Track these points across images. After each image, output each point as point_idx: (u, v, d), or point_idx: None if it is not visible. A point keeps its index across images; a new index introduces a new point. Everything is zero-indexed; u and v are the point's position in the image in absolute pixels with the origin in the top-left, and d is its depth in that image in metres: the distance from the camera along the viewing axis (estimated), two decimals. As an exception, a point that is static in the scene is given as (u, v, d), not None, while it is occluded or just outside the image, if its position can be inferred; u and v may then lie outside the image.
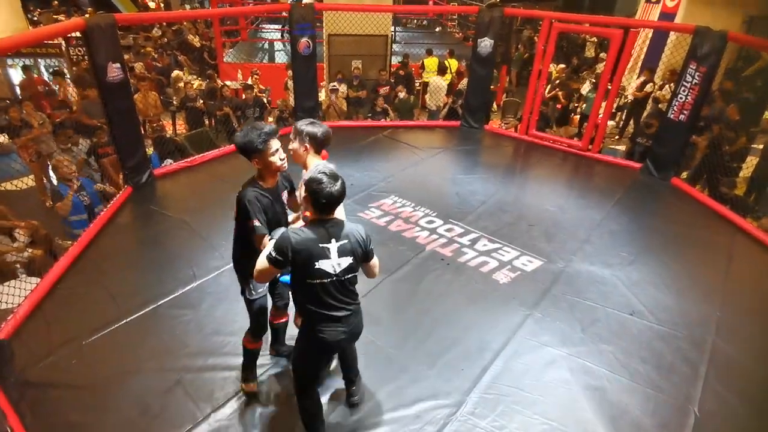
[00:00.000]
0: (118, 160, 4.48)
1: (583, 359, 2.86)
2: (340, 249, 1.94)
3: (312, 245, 1.90)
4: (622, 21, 5.87)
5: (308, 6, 5.71)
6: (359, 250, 1.99)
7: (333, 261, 1.93)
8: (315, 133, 2.34)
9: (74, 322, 2.96)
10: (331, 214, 1.96)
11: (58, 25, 4.15)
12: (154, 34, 11.59)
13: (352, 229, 2.00)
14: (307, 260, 1.89)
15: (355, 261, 1.99)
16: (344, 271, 1.96)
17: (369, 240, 2.04)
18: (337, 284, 1.97)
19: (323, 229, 1.94)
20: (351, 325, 2.06)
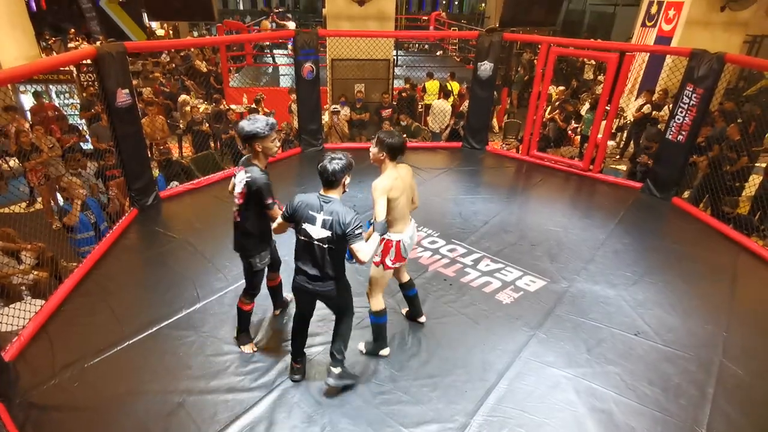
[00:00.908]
0: (124, 182, 4.55)
1: (589, 381, 2.82)
2: (323, 221, 2.34)
3: (304, 210, 2.37)
4: (617, 45, 5.99)
5: (312, 32, 5.88)
6: (338, 229, 2.31)
7: (316, 228, 2.35)
8: (386, 142, 2.69)
9: (77, 343, 2.96)
10: (330, 190, 2.39)
11: (70, 53, 4.29)
12: (163, 60, 11.90)
13: (340, 210, 2.33)
14: (299, 219, 2.39)
15: (333, 236, 2.33)
16: (321, 240, 2.35)
17: (351, 226, 2.31)
18: (315, 248, 2.38)
19: (318, 200, 2.37)
20: (317, 285, 2.45)
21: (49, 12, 17.36)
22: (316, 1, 24.73)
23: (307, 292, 2.50)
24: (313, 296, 2.54)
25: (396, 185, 2.66)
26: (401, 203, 2.71)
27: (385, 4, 8.40)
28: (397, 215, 2.73)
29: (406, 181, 2.77)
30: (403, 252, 2.81)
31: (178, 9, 7.95)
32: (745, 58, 5.18)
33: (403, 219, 2.79)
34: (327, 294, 2.50)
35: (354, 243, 2.33)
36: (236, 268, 3.77)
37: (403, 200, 2.74)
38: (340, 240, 2.34)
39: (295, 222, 2.41)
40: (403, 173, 2.76)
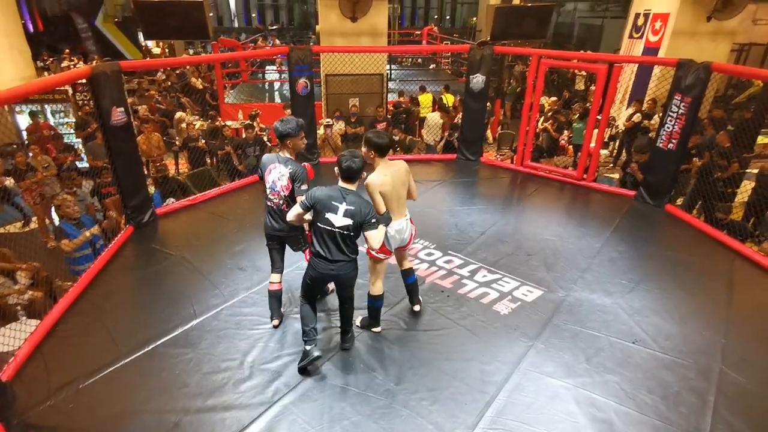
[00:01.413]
0: (120, 199, 4.55)
1: (589, 390, 2.81)
2: (346, 211, 2.65)
3: (327, 200, 2.67)
4: (606, 57, 6.11)
5: (305, 49, 5.96)
6: (358, 218, 2.66)
7: (338, 216, 2.65)
8: (373, 141, 2.97)
9: (72, 364, 2.93)
10: (350, 184, 2.72)
11: (65, 73, 4.33)
12: (159, 77, 12.00)
13: (361, 202, 2.69)
14: (321, 209, 2.67)
15: (354, 224, 2.66)
16: (342, 228, 2.66)
17: (370, 216, 2.69)
18: (336, 235, 2.67)
19: (340, 192, 2.70)
20: (337, 266, 2.75)
21: (46, 33, 17.53)
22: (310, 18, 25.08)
23: (328, 276, 2.79)
24: (331, 279, 2.84)
25: (385, 181, 2.93)
26: (390, 198, 2.98)
27: (378, 19, 8.55)
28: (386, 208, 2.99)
29: (396, 178, 3.00)
30: (388, 243, 3.06)
31: (173, 28, 8.04)
32: (731, 67, 5.27)
33: (392, 212, 3.02)
34: (346, 274, 2.81)
35: (369, 230, 2.69)
36: (233, 283, 3.77)
37: (393, 195, 2.99)
38: (357, 227, 2.69)
39: (315, 212, 2.69)
40: (394, 170, 3.00)
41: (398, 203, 3.06)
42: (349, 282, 2.88)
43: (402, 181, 3.05)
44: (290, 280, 3.83)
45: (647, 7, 9.20)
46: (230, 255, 4.17)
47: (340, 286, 2.90)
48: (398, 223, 3.09)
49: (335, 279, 2.84)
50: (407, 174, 3.10)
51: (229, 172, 6.66)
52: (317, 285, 2.91)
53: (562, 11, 21.89)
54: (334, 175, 2.84)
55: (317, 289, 2.97)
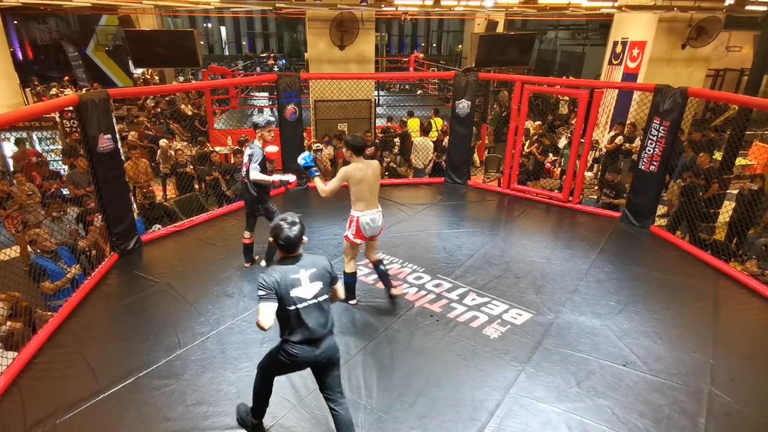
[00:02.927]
0: (105, 226, 4.49)
1: (581, 416, 2.78)
2: (311, 275, 2.29)
3: (284, 278, 2.23)
4: (586, 83, 6.31)
5: (294, 76, 6.05)
6: (326, 275, 2.34)
7: (305, 287, 2.26)
8: (350, 143, 3.51)
9: (49, 398, 2.82)
10: (294, 252, 2.30)
11: (53, 101, 4.33)
12: (148, 104, 12.05)
13: (315, 260, 2.36)
14: (284, 292, 2.21)
15: (324, 285, 2.33)
16: (316, 295, 2.29)
17: (332, 267, 2.41)
18: (313, 308, 2.28)
19: (290, 263, 2.29)
20: (325, 347, 2.34)
21: (36, 61, 17.61)
22: (299, 46, 25.59)
23: (311, 359, 2.33)
24: (314, 364, 2.37)
25: (355, 174, 3.43)
26: (361, 189, 3.47)
27: (365, 47, 8.75)
28: (357, 197, 3.51)
29: (370, 172, 3.50)
30: (362, 229, 3.54)
31: (163, 56, 8.14)
32: (707, 92, 5.46)
33: (364, 202, 3.52)
34: (334, 350, 2.39)
35: (337, 282, 2.45)
36: (219, 311, 3.71)
37: (364, 187, 3.48)
38: (328, 285, 2.37)
39: (280, 297, 2.20)
40: (369, 167, 3.50)
41: (372, 195, 3.53)
42: (336, 361, 2.42)
43: (375, 177, 3.53)
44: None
45: (625, 35, 9.56)
46: (216, 281, 4.12)
47: (328, 370, 2.41)
48: (372, 213, 3.55)
49: (319, 362, 2.36)
50: (379, 171, 3.64)
51: (217, 197, 6.63)
52: (287, 372, 2.55)
53: (544, 39, 22.65)
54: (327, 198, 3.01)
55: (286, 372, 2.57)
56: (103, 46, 16.54)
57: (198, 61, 8.32)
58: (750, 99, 4.86)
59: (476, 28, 15.89)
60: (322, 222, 5.35)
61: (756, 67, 6.49)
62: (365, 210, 3.51)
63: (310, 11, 8.41)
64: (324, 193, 3.46)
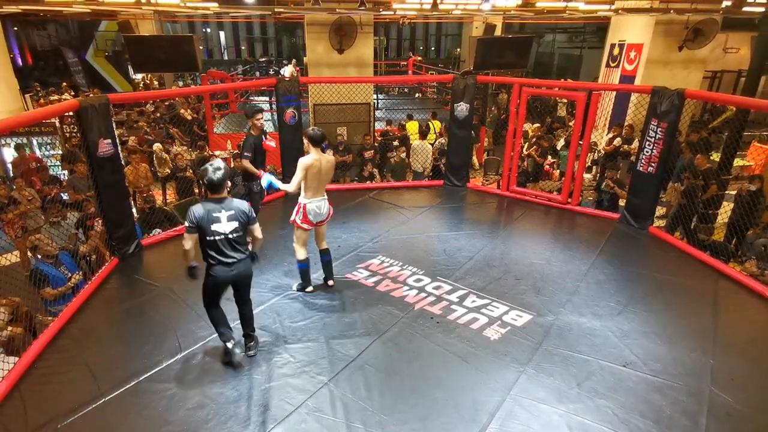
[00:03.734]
0: (105, 231, 4.50)
1: (582, 416, 2.78)
2: (229, 216, 2.90)
3: (207, 215, 2.85)
4: (583, 85, 6.34)
5: (293, 80, 6.08)
6: (243, 218, 2.95)
7: (223, 224, 2.88)
8: (309, 134, 3.71)
9: (51, 403, 2.83)
10: (219, 194, 2.91)
11: (53, 106, 4.35)
12: (148, 109, 12.08)
13: (238, 205, 2.96)
14: (205, 225, 2.85)
15: (241, 225, 2.94)
16: (232, 231, 2.92)
17: (251, 213, 3.01)
18: (225, 242, 2.92)
19: (215, 204, 2.89)
20: (237, 268, 2.99)
21: (36, 66, 17.66)
22: (298, 50, 25.66)
23: (229, 279, 3.01)
24: (231, 282, 3.04)
25: (313, 165, 3.65)
26: (314, 178, 3.70)
27: (364, 51, 8.79)
28: (308, 186, 3.71)
29: (324, 165, 3.72)
30: (308, 214, 3.76)
31: (162, 61, 8.16)
32: (704, 93, 5.48)
33: (314, 191, 3.75)
34: (245, 272, 3.06)
35: (253, 225, 3.05)
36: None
37: (317, 177, 3.71)
38: (244, 227, 2.99)
39: (201, 229, 2.86)
40: (324, 159, 3.72)
41: (320, 185, 3.78)
42: (248, 280, 3.12)
43: (327, 170, 3.77)
44: (278, 308, 3.79)
45: (622, 37, 9.62)
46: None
47: (241, 287, 3.12)
48: (318, 200, 3.81)
49: (235, 280, 3.03)
50: (332, 167, 3.86)
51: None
52: (218, 291, 3.10)
53: (542, 42, 22.73)
54: None
55: (218, 296, 3.12)
56: (102, 52, 16.61)
57: (197, 66, 8.34)
58: (747, 100, 4.89)
59: (474, 32, 15.96)
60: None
61: (753, 68, 6.52)
62: (312, 198, 3.77)
63: (309, 15, 8.44)
64: (291, 188, 3.70)
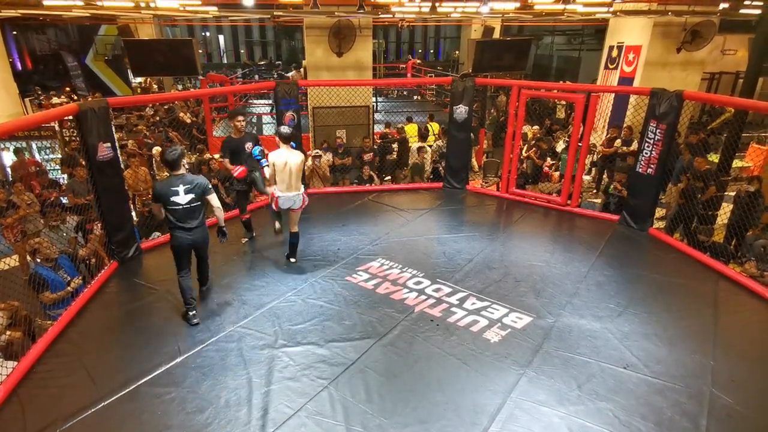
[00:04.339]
0: (104, 235, 4.49)
1: (582, 419, 2.77)
2: (186, 189, 3.44)
3: (167, 189, 3.43)
4: (582, 87, 6.36)
5: (292, 83, 6.09)
6: (198, 190, 3.48)
7: (181, 196, 3.43)
8: (278, 132, 4.30)
9: (49, 407, 2.82)
10: (176, 171, 3.47)
11: (52, 110, 4.35)
12: (147, 113, 12.08)
13: (193, 179, 3.50)
14: (166, 199, 3.43)
15: (197, 196, 3.48)
16: (189, 202, 3.46)
17: (206, 185, 3.54)
18: (184, 211, 3.46)
19: (174, 179, 3.46)
20: (195, 233, 3.54)
21: (35, 71, 17.67)
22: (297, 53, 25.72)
23: (188, 243, 3.55)
24: (191, 245, 3.59)
25: (279, 160, 4.13)
26: (284, 173, 4.16)
27: (363, 54, 8.81)
28: (280, 179, 4.19)
29: (290, 160, 4.15)
30: (280, 204, 4.27)
31: (162, 65, 8.17)
32: (702, 95, 5.50)
33: (285, 184, 4.20)
34: (202, 238, 3.62)
35: (210, 195, 3.57)
36: (219, 318, 3.71)
37: (285, 171, 4.15)
38: (200, 197, 3.50)
39: (164, 202, 3.43)
40: (291, 155, 4.16)
41: (292, 180, 4.18)
42: (205, 244, 3.71)
43: (297, 165, 4.18)
44: (278, 311, 3.78)
45: (620, 39, 9.64)
46: (216, 288, 4.12)
47: (199, 249, 3.73)
48: (291, 194, 4.24)
49: (194, 244, 3.59)
50: (302, 163, 4.25)
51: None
52: (181, 253, 3.59)
53: (540, 44, 22.79)
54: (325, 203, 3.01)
55: (182, 258, 3.61)
56: (102, 56, 16.62)
57: (196, 70, 8.35)
58: (745, 101, 4.90)
59: (473, 34, 16.00)
60: (320, 228, 5.36)
61: (751, 69, 6.53)
62: (285, 192, 4.23)
63: (308, 19, 8.46)
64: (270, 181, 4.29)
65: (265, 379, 3.07)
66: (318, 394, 2.93)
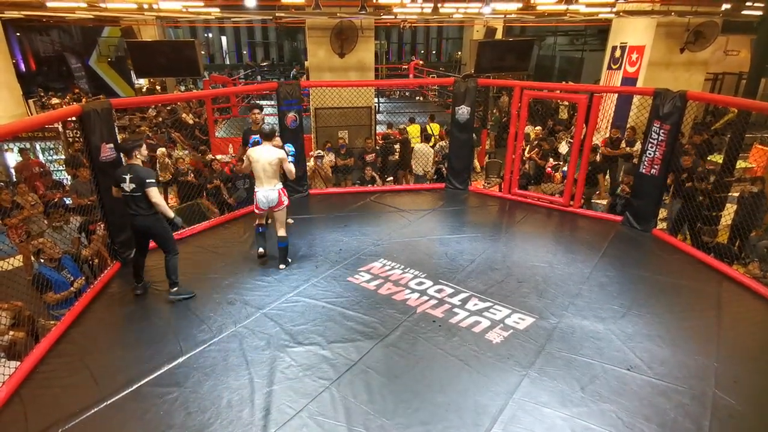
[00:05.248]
0: (107, 235, 4.50)
1: (585, 420, 2.76)
2: (130, 179, 3.68)
3: (119, 175, 3.73)
4: (585, 87, 6.35)
5: (294, 84, 6.09)
6: (138, 182, 3.67)
7: (127, 184, 3.69)
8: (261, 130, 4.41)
9: (52, 407, 2.82)
10: (128, 159, 3.77)
11: (55, 111, 4.37)
12: (150, 114, 12.12)
13: (139, 171, 3.70)
14: (118, 183, 3.75)
15: (138, 187, 3.69)
16: (132, 191, 3.70)
17: (144, 178, 3.68)
18: (130, 197, 3.73)
19: (125, 167, 3.76)
20: (137, 220, 3.80)
21: (39, 72, 17.76)
22: (299, 54, 25.77)
23: (132, 225, 3.88)
24: (134, 229, 3.90)
25: (254, 156, 4.23)
26: (256, 168, 4.24)
27: (365, 55, 8.82)
28: (255, 175, 4.29)
29: (262, 155, 4.21)
30: (258, 201, 4.32)
31: (165, 66, 8.20)
32: (706, 95, 5.47)
33: (259, 180, 4.28)
34: (145, 224, 3.81)
35: (147, 188, 3.68)
36: (221, 318, 3.71)
37: (258, 167, 4.22)
38: (140, 188, 3.67)
39: (119, 187, 3.75)
40: (269, 153, 4.21)
41: (265, 175, 4.25)
42: (151, 231, 3.86)
43: (268, 160, 4.21)
44: (279, 312, 3.78)
45: (623, 40, 9.63)
46: (218, 289, 4.12)
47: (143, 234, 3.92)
48: (265, 190, 4.28)
49: (136, 229, 3.88)
50: (278, 161, 4.26)
51: (218, 205, 6.65)
52: (135, 236, 3.97)
53: (543, 45, 22.77)
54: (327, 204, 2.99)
55: (135, 239, 3.99)
56: (105, 57, 16.71)
57: (199, 71, 8.38)
58: (748, 102, 4.88)
59: (475, 35, 16.00)
60: (322, 229, 5.37)
61: (754, 70, 6.52)
62: (260, 187, 4.30)
63: (310, 20, 8.48)
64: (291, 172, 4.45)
65: (267, 379, 3.06)
66: (320, 395, 2.92)
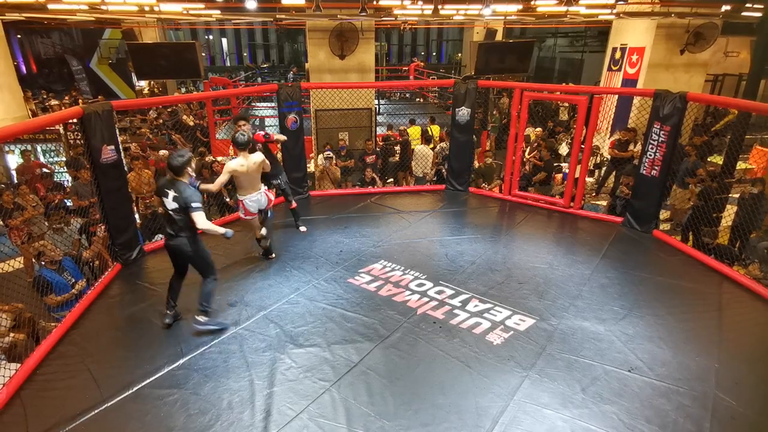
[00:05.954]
0: (108, 237, 4.51)
1: (586, 422, 2.76)
2: (172, 197, 3.32)
3: (161, 189, 3.38)
4: (585, 89, 6.35)
5: (294, 85, 6.10)
6: (181, 202, 3.30)
7: (169, 201, 3.34)
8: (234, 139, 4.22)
9: (52, 410, 2.82)
10: (175, 176, 3.34)
11: (56, 113, 4.38)
12: (150, 116, 12.14)
13: (184, 190, 3.31)
14: (161, 197, 3.40)
15: (179, 207, 3.31)
16: (172, 210, 3.35)
17: (189, 201, 3.29)
18: (169, 215, 3.39)
19: (169, 183, 3.36)
20: (173, 240, 3.44)
21: (40, 74, 17.82)
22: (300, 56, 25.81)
23: (168, 246, 3.51)
24: (168, 250, 3.54)
25: (240, 169, 4.15)
26: (244, 178, 4.24)
27: (365, 56, 8.83)
28: (241, 185, 4.29)
29: (249, 165, 4.19)
30: (248, 207, 4.36)
31: (165, 68, 8.22)
32: (706, 96, 5.47)
33: (247, 189, 4.30)
34: (178, 247, 3.44)
35: (192, 213, 3.31)
36: (221, 317, 3.71)
37: (247, 177, 4.24)
38: (184, 210, 3.32)
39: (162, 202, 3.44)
40: (251, 161, 4.19)
41: (252, 182, 4.28)
42: (183, 255, 3.48)
43: (256, 168, 4.23)
44: (280, 313, 3.78)
45: (623, 41, 9.64)
46: (219, 290, 4.11)
47: (177, 257, 3.55)
48: (253, 195, 4.35)
49: (171, 251, 3.52)
50: (261, 164, 4.27)
51: (218, 206, 6.66)
52: (170, 257, 3.59)
53: (543, 46, 22.80)
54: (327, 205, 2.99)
55: (173, 262, 3.60)
56: (106, 60, 16.74)
57: (199, 73, 8.39)
58: (748, 103, 4.87)
59: (475, 37, 16.02)
60: (323, 230, 5.37)
61: (753, 71, 6.52)
62: (246, 195, 4.33)
63: (310, 22, 8.50)
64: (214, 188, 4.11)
65: (267, 381, 3.06)
66: (320, 396, 2.92)
